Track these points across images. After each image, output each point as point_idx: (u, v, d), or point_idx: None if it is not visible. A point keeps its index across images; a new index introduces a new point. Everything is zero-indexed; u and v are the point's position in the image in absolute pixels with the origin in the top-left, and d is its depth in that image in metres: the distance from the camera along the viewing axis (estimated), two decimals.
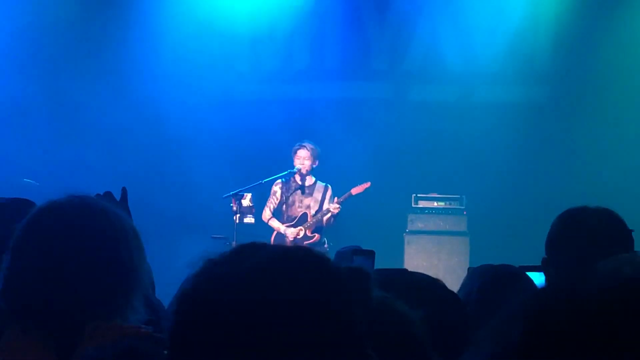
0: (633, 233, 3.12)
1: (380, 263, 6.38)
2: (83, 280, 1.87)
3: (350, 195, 9.33)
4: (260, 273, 1.28)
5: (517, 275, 3.02)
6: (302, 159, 9.29)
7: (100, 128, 10.78)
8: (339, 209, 9.26)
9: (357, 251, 4.44)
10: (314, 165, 9.38)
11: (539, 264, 3.20)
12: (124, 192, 2.94)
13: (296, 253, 1.34)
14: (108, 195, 2.84)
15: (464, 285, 3.10)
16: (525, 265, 3.30)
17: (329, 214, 9.31)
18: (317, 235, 9.33)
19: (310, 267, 1.32)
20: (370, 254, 4.18)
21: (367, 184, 9.39)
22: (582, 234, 3.08)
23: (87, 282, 1.87)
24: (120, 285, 1.91)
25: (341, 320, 1.29)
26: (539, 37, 10.86)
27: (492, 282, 2.97)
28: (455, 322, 2.09)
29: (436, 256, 9.96)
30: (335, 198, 9.32)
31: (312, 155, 9.30)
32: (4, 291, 1.90)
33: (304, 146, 9.31)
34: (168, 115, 10.89)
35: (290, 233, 9.29)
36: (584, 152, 10.44)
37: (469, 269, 3.46)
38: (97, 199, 2.00)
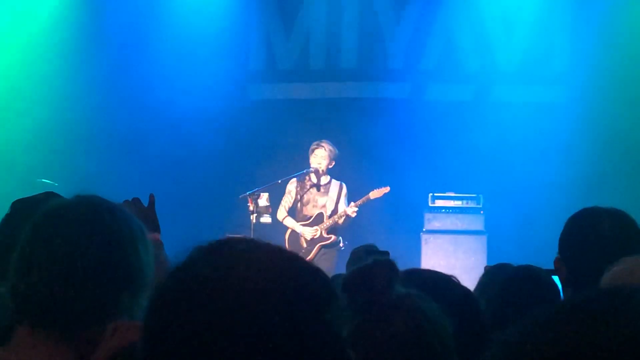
0: None
1: (397, 262, 6.38)
2: (90, 279, 1.88)
3: (369, 199, 9.30)
4: (223, 284, 1.24)
5: (541, 278, 3.01)
6: (319, 158, 9.28)
7: (117, 129, 10.83)
8: (356, 213, 9.24)
9: (371, 251, 4.43)
10: (330, 166, 9.36)
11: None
12: (152, 198, 2.96)
13: (265, 259, 1.30)
14: (136, 201, 2.86)
15: (480, 284, 3.09)
16: (551, 269, 3.29)
17: (345, 217, 9.28)
18: (333, 237, 9.31)
19: (291, 274, 1.28)
20: (383, 254, 4.18)
21: (386, 189, 9.35)
22: (594, 234, 3.09)
23: (95, 282, 1.88)
24: (127, 284, 1.92)
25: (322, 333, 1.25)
26: (556, 36, 10.83)
27: (514, 282, 2.96)
28: (470, 317, 2.09)
29: (453, 255, 9.94)
30: (352, 203, 9.28)
31: (329, 155, 9.28)
32: (14, 291, 1.92)
33: (322, 145, 9.29)
34: (184, 115, 10.93)
35: (307, 233, 9.29)
36: (601, 152, 10.40)
37: (485, 267, 3.45)
38: (105, 200, 2.01)
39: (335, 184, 9.44)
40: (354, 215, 9.23)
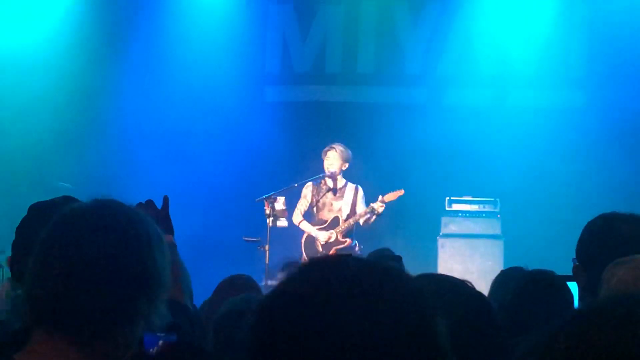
0: None
1: (413, 267, 6.37)
2: (106, 284, 1.87)
3: (384, 202, 9.25)
4: (342, 296, 1.25)
5: (556, 284, 3.00)
6: (331, 159, 9.26)
7: (133, 130, 10.87)
8: (384, 207, 9.15)
9: (384, 257, 4.43)
10: (344, 168, 9.33)
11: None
12: (166, 200, 2.96)
13: (377, 273, 1.31)
14: (149, 203, 2.86)
15: (493, 288, 3.07)
16: (565, 275, 3.28)
17: (369, 215, 9.21)
18: (348, 240, 9.29)
19: (398, 293, 1.29)
20: (397, 259, 4.18)
21: (401, 192, 9.29)
22: (612, 240, 3.07)
23: (111, 287, 1.87)
24: (143, 289, 1.90)
25: (429, 345, 1.28)
26: (573, 40, 10.80)
27: (528, 287, 2.95)
28: (483, 322, 2.08)
29: (470, 260, 9.91)
30: (380, 196, 9.20)
31: (341, 157, 9.25)
32: (29, 295, 1.92)
33: (333, 147, 9.28)
34: (201, 117, 10.97)
35: (322, 237, 9.27)
36: (619, 156, 10.34)
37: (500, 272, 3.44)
38: (121, 204, 2.01)
39: (350, 187, 9.42)
40: (381, 210, 9.14)
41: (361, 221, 9.29)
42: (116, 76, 11.00)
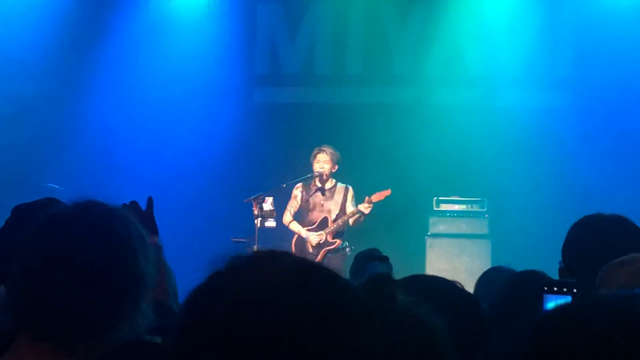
0: None
1: (402, 267, 6.39)
2: (91, 287, 1.86)
3: (371, 202, 9.25)
4: (268, 291, 1.24)
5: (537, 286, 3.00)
6: (322, 162, 9.27)
7: (120, 132, 10.86)
8: (372, 207, 9.16)
9: (370, 257, 4.46)
10: (333, 170, 9.34)
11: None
12: (150, 201, 2.95)
13: (308, 272, 1.30)
14: (134, 204, 2.85)
15: (479, 287, 3.08)
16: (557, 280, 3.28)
17: (357, 215, 9.23)
18: (338, 241, 9.29)
19: (325, 291, 1.27)
20: (384, 260, 4.20)
21: (388, 192, 9.30)
22: (597, 241, 3.08)
23: (96, 290, 1.86)
24: (128, 292, 1.90)
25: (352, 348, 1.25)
26: (560, 40, 10.82)
27: (517, 287, 2.95)
28: (473, 324, 2.08)
29: (458, 259, 9.93)
30: (367, 197, 9.22)
31: (331, 159, 9.27)
32: (13, 299, 1.91)
33: (324, 150, 9.29)
34: (189, 118, 10.96)
35: (312, 238, 9.27)
36: (605, 156, 10.38)
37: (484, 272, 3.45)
38: (104, 205, 2.00)
39: (340, 187, 9.42)
40: (368, 211, 9.16)
41: (351, 221, 9.30)
42: (103, 77, 10.97)
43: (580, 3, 10.81)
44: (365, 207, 9.13)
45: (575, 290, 2.06)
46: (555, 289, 2.08)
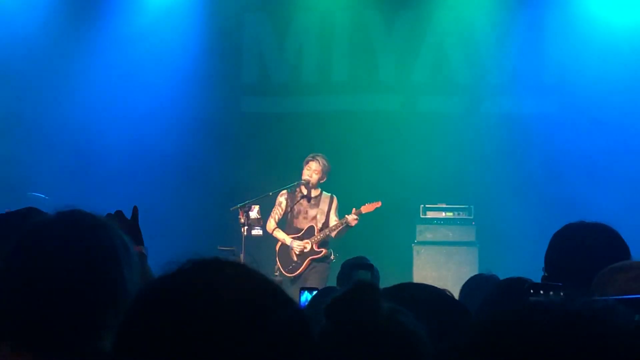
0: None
1: (389, 274, 6.39)
2: (73, 298, 1.85)
3: (360, 213, 9.22)
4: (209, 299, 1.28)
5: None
6: (312, 171, 9.23)
7: (107, 140, 10.83)
8: (357, 221, 9.13)
9: (356, 265, 4.46)
10: (321, 181, 9.30)
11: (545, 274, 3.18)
12: (135, 210, 2.94)
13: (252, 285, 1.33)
14: (119, 214, 2.84)
15: (464, 294, 3.07)
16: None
17: (343, 226, 9.19)
18: (324, 250, 9.24)
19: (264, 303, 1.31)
20: (369, 267, 4.20)
21: (378, 204, 9.27)
22: (578, 250, 3.07)
23: (78, 301, 1.86)
24: (111, 302, 1.89)
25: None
26: (546, 47, 10.86)
27: (501, 296, 2.95)
28: (463, 332, 2.07)
29: (445, 267, 9.94)
30: (354, 209, 9.19)
31: (322, 169, 9.22)
32: None
33: (317, 159, 9.24)
34: (176, 127, 10.94)
35: (297, 246, 9.22)
36: (591, 163, 10.40)
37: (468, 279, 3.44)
38: (87, 215, 1.98)
39: (325, 196, 9.39)
40: (354, 223, 9.12)
41: (334, 234, 9.25)
42: (89, 86, 10.94)
43: (566, 10, 10.84)
44: (352, 219, 9.09)
45: (561, 293, 2.06)
46: (541, 291, 2.08)
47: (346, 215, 9.17)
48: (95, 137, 10.87)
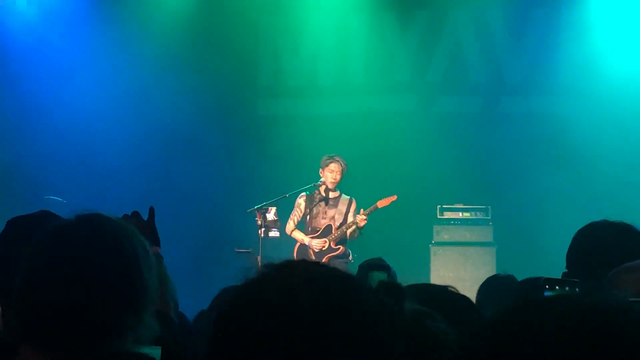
0: None
1: (406, 275, 6.36)
2: (94, 300, 1.87)
3: (377, 208, 9.25)
4: (297, 299, 1.30)
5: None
6: (335, 172, 9.20)
7: (124, 142, 10.84)
8: (366, 222, 9.15)
9: (373, 266, 4.44)
10: (339, 181, 9.31)
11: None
12: (152, 211, 2.94)
13: (331, 278, 1.35)
14: (135, 214, 2.85)
15: (482, 295, 3.05)
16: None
17: (354, 227, 9.21)
18: (341, 248, 9.27)
19: (347, 295, 1.34)
20: (385, 269, 4.20)
21: (394, 197, 9.29)
22: (601, 248, 3.04)
23: (98, 303, 1.87)
24: (131, 303, 1.90)
25: (374, 346, 1.30)
26: (562, 46, 10.81)
27: (517, 297, 2.93)
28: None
29: (462, 267, 9.91)
30: (362, 210, 9.22)
31: (342, 170, 9.22)
32: (17, 312, 1.91)
33: (337, 160, 9.23)
34: (193, 130, 10.96)
35: (315, 244, 9.23)
36: (609, 162, 10.35)
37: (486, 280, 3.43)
38: (108, 219, 2.00)
39: (345, 198, 9.39)
40: (362, 224, 9.13)
41: (347, 233, 9.26)
42: (108, 89, 10.96)
43: (583, 8, 10.79)
44: (361, 219, 9.10)
45: (577, 288, 2.04)
46: (557, 287, 2.06)
47: (353, 218, 9.19)
48: (110, 139, 10.89)
